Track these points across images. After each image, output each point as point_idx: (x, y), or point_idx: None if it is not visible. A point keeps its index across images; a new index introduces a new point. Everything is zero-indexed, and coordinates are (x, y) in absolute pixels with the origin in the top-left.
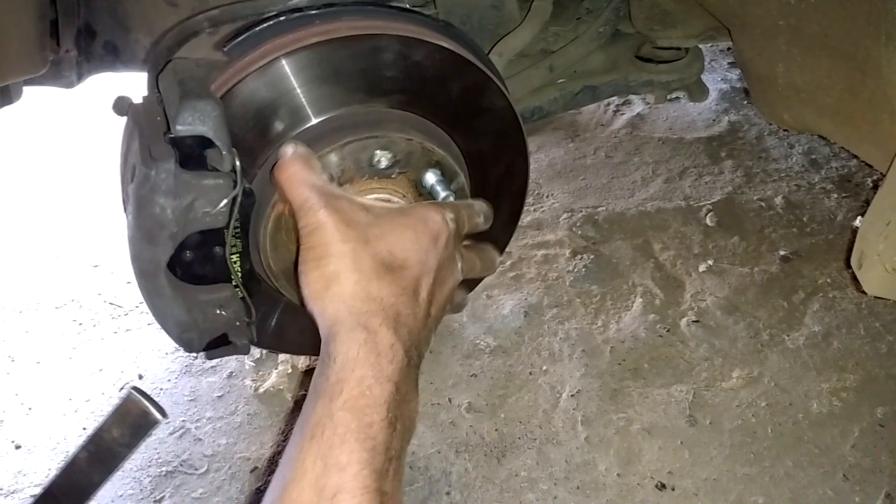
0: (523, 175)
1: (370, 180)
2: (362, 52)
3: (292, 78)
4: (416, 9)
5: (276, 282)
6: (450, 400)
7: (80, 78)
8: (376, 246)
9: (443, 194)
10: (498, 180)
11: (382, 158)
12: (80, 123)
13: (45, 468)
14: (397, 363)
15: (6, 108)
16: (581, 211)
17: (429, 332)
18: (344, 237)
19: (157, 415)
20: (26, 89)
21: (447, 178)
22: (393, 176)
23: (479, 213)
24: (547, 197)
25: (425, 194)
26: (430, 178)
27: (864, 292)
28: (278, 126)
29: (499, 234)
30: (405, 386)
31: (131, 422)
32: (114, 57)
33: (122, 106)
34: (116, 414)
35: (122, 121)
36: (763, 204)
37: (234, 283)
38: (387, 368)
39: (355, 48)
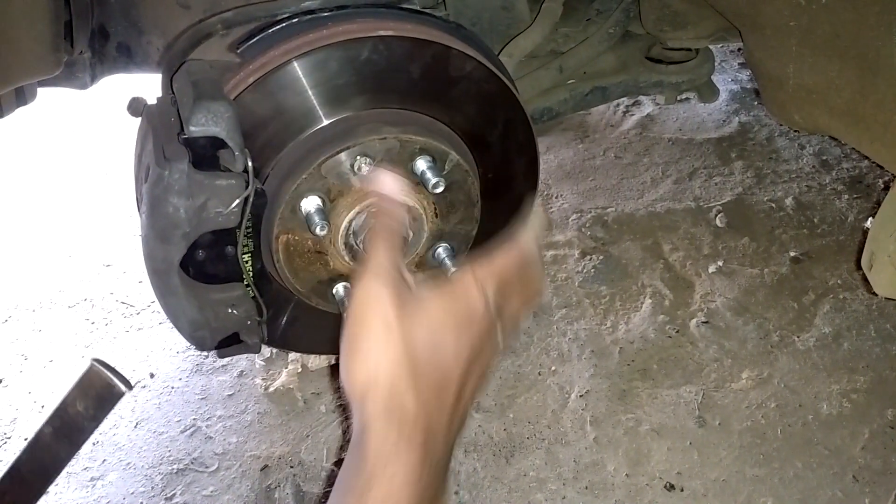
0: (533, 175)
1: (361, 188)
2: (372, 54)
3: (304, 80)
4: (426, 10)
5: (308, 300)
6: None
7: (93, 79)
8: (418, 339)
9: (434, 180)
10: (509, 177)
11: (363, 165)
12: (94, 124)
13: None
14: (425, 462)
15: (21, 108)
16: (590, 212)
17: (461, 420)
18: (388, 331)
19: (122, 386)
20: (40, 90)
21: (437, 160)
22: None
23: (531, 257)
24: (556, 198)
25: (419, 182)
26: (420, 165)
27: (874, 294)
28: (290, 128)
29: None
30: (432, 481)
31: (95, 394)
32: (127, 58)
33: (136, 107)
34: (79, 386)
35: (136, 122)
36: (773, 205)
37: (245, 283)
38: (416, 468)
39: (365, 50)
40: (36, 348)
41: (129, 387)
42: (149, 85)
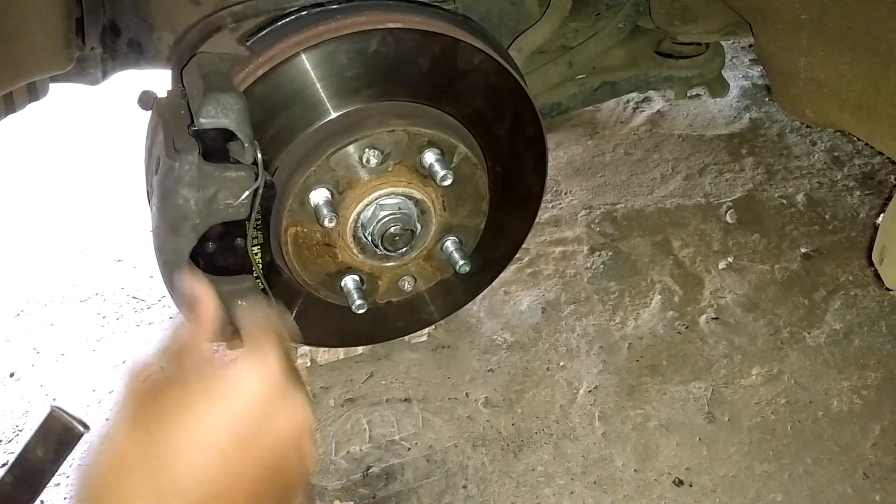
0: (542, 169)
1: (369, 180)
2: (381, 47)
3: (312, 72)
4: (435, 3)
5: (317, 293)
6: (467, 395)
7: (104, 75)
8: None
9: (442, 173)
10: (517, 170)
11: (371, 157)
12: (106, 120)
13: (68, 458)
14: None
15: (33, 103)
16: (599, 208)
17: None
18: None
19: (81, 428)
20: (52, 86)
21: (446, 153)
22: (389, 169)
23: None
24: (565, 194)
25: (428, 175)
26: (428, 158)
27: (886, 289)
28: (298, 120)
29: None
30: None
31: (55, 439)
32: (138, 54)
33: (146, 100)
34: (39, 433)
35: (146, 116)
36: (784, 201)
37: (255, 275)
38: None
39: (374, 42)
40: (48, 342)
41: (87, 428)
42: (158, 81)
